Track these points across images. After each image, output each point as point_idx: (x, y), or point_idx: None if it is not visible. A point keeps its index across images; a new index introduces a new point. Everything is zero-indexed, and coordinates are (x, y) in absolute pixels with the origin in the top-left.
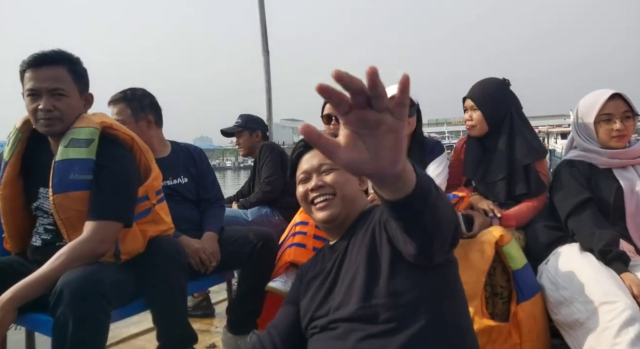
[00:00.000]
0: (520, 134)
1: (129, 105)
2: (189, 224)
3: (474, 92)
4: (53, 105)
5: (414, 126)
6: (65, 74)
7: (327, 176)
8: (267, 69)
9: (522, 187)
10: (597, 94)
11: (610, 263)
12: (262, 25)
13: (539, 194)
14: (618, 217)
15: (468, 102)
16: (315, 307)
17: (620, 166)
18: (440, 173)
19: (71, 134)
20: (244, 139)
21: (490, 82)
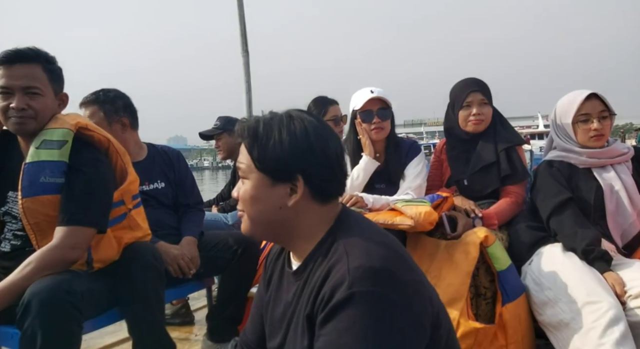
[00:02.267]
0: (500, 123)
1: (101, 107)
2: (166, 230)
3: (480, 86)
4: (27, 104)
5: (389, 129)
6: (40, 73)
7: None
8: (247, 70)
9: (506, 169)
10: (574, 95)
11: (593, 262)
12: (241, 26)
13: (522, 178)
14: (599, 217)
15: (476, 96)
16: (269, 335)
17: (599, 166)
18: (419, 173)
19: (43, 135)
20: (223, 142)
21: (478, 79)
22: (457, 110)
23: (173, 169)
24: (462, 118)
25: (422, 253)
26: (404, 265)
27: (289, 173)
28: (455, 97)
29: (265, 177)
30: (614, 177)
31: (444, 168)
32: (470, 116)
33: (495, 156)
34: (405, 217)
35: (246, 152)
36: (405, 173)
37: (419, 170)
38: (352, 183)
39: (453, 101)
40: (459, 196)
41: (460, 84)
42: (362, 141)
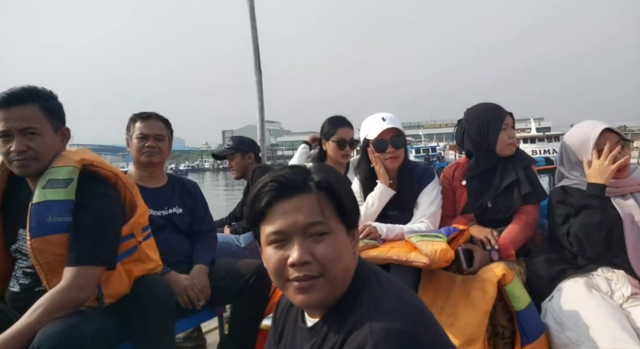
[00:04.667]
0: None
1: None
2: (179, 257)
3: (507, 113)
4: (26, 145)
5: (402, 156)
6: (36, 112)
7: (317, 245)
8: (260, 88)
9: (527, 186)
10: (587, 131)
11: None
12: (254, 44)
13: (541, 196)
14: (619, 249)
15: (510, 120)
16: None
17: (619, 194)
18: (434, 199)
19: (49, 174)
20: (236, 161)
21: (491, 103)
22: (495, 133)
23: (190, 197)
24: (501, 141)
25: (437, 288)
26: (430, 327)
27: (355, 217)
28: (489, 121)
29: (343, 227)
30: (634, 206)
31: (458, 196)
32: (509, 139)
33: (515, 174)
34: (420, 254)
35: (320, 206)
36: (419, 200)
37: (434, 197)
38: (366, 211)
39: (485, 125)
40: (474, 225)
41: (492, 108)
42: (377, 169)
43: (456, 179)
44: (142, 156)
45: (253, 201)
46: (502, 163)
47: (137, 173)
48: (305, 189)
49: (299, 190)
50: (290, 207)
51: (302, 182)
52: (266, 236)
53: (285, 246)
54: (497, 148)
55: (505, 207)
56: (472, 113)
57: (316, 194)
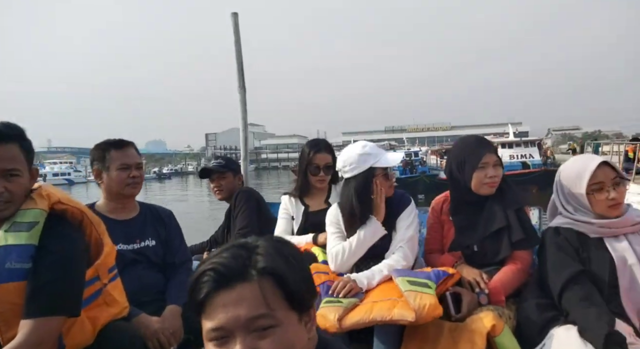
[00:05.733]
0: (505, 182)
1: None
2: (153, 294)
3: (493, 147)
4: (4, 187)
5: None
6: (18, 152)
7: (262, 342)
8: (244, 107)
9: (519, 233)
10: (583, 163)
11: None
12: (238, 61)
13: (534, 243)
14: (612, 293)
15: (492, 157)
16: None
17: (612, 235)
18: (410, 224)
19: (15, 217)
20: (227, 181)
21: (480, 136)
22: (471, 171)
23: (164, 227)
24: (477, 180)
25: (423, 338)
26: None
27: (310, 299)
28: (467, 157)
29: (295, 313)
30: (627, 248)
31: (445, 230)
32: (486, 178)
33: (505, 219)
34: (405, 309)
35: (264, 296)
36: (397, 225)
37: (410, 221)
38: (355, 249)
39: (463, 161)
40: (463, 265)
41: (472, 144)
42: (377, 202)
43: (444, 212)
44: (127, 188)
45: (191, 292)
46: (490, 203)
47: (108, 205)
48: (247, 277)
49: (241, 278)
50: (230, 300)
51: (244, 269)
52: (206, 332)
53: (226, 344)
54: (473, 186)
55: (493, 252)
56: (455, 146)
57: (259, 282)
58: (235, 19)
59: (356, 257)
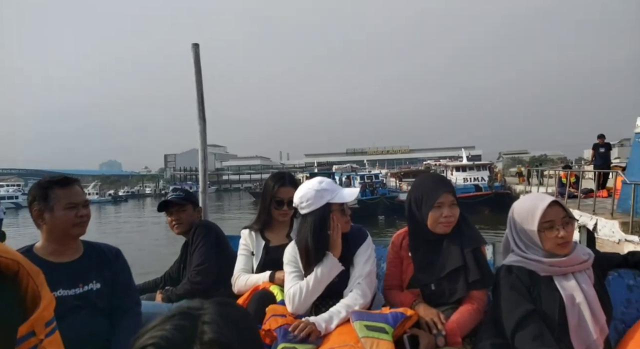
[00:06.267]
0: (464, 222)
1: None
2: (98, 343)
3: (450, 187)
4: None
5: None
6: None
7: None
8: (203, 138)
9: (475, 273)
10: (535, 201)
11: None
12: (198, 92)
13: (489, 283)
14: (562, 332)
15: (448, 197)
16: None
17: (561, 274)
18: (368, 258)
19: None
20: (187, 214)
21: (443, 175)
22: (427, 210)
23: (110, 268)
24: (432, 219)
25: None
26: None
27: None
28: (423, 196)
29: None
30: (575, 287)
31: (405, 266)
32: (441, 218)
33: (462, 259)
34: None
35: None
36: (355, 261)
37: (368, 255)
38: (313, 288)
39: (420, 199)
40: (421, 305)
41: (429, 183)
42: (334, 238)
43: (404, 248)
44: (74, 228)
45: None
46: (448, 241)
47: (48, 247)
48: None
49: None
50: None
51: (188, 343)
52: None
53: None
54: (429, 225)
55: (450, 292)
56: (415, 183)
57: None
58: (196, 50)
59: (314, 296)
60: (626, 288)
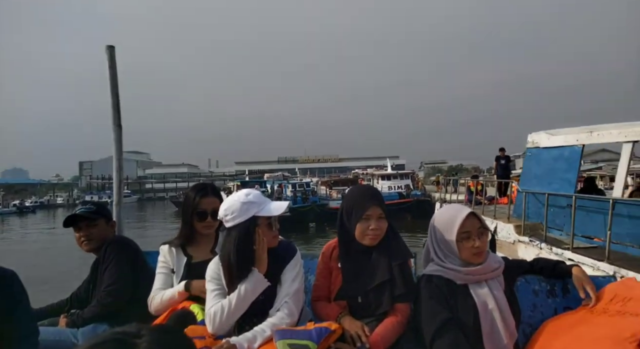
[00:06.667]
0: (393, 234)
1: None
2: None
3: (379, 200)
4: None
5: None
6: None
7: None
8: (119, 146)
9: (401, 287)
10: (454, 212)
11: None
12: (113, 98)
13: (413, 296)
14: (477, 338)
15: (376, 210)
16: None
17: (475, 282)
18: (296, 276)
19: None
20: (98, 229)
21: (374, 188)
22: (355, 221)
23: (3, 293)
24: (359, 230)
25: None
26: None
27: None
28: (352, 208)
29: None
30: (488, 293)
31: (334, 277)
32: (368, 230)
33: (389, 272)
34: None
35: None
36: (282, 278)
37: (296, 273)
38: (236, 307)
39: (350, 211)
40: (347, 317)
41: (359, 195)
42: (259, 253)
43: (334, 259)
44: None
45: None
46: (377, 254)
47: None
48: None
49: None
50: None
51: None
52: None
53: None
54: (356, 236)
55: (376, 305)
56: (347, 194)
57: None
58: (111, 52)
59: (237, 315)
60: (532, 292)
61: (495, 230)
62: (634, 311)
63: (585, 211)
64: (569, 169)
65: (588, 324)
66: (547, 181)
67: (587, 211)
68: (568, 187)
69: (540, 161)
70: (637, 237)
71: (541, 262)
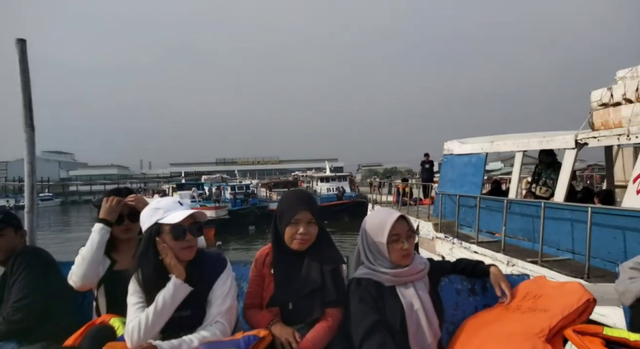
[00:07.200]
0: (325, 240)
1: None
2: None
3: (309, 205)
4: None
5: (197, 244)
6: None
7: None
8: (31, 148)
9: (332, 293)
10: (384, 216)
11: None
12: (25, 96)
13: (344, 301)
14: (403, 338)
15: (305, 215)
16: None
17: (402, 283)
18: (228, 292)
19: None
20: (5, 240)
21: (307, 193)
22: (285, 225)
23: None
24: (288, 234)
25: None
26: None
27: None
28: (283, 212)
29: None
30: (414, 294)
31: (266, 284)
32: (296, 235)
33: (321, 278)
34: None
35: None
36: (212, 295)
37: (228, 288)
38: (155, 316)
39: (281, 215)
40: (278, 324)
41: (289, 200)
42: (167, 261)
43: (266, 265)
44: None
45: None
46: (309, 259)
47: None
48: None
49: None
50: None
51: None
52: None
53: None
54: (286, 240)
55: (307, 311)
56: (280, 198)
57: None
58: (22, 46)
59: (156, 328)
60: (455, 292)
61: (417, 228)
62: (543, 307)
63: (488, 210)
64: (476, 173)
65: (503, 321)
66: (459, 183)
67: (490, 210)
68: (475, 189)
69: (453, 166)
70: (527, 232)
71: (463, 262)
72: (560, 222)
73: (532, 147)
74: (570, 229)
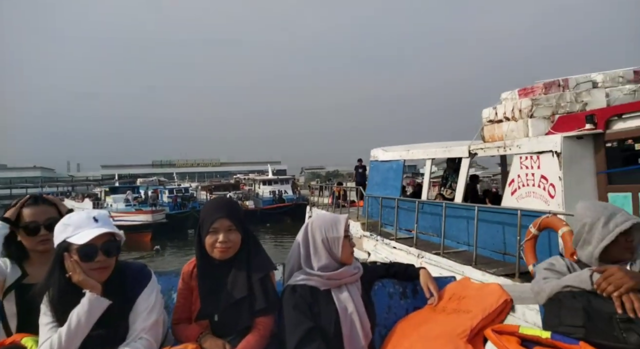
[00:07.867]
0: (254, 247)
1: None
2: None
3: (229, 211)
4: None
5: (113, 265)
6: None
7: None
8: None
9: (262, 302)
10: (333, 215)
11: None
12: None
13: (274, 309)
14: (338, 342)
15: (223, 222)
16: None
17: (337, 287)
18: (153, 306)
19: None
20: None
21: (227, 199)
22: (204, 234)
23: None
24: (208, 243)
25: None
26: None
27: None
28: (204, 220)
29: None
30: (348, 298)
31: (195, 297)
32: (216, 243)
33: (249, 287)
34: None
35: None
36: (136, 310)
37: (153, 302)
38: (69, 335)
39: (201, 224)
40: (208, 336)
41: (208, 208)
42: (76, 279)
43: (194, 277)
44: None
45: None
46: (236, 268)
47: None
48: None
49: None
50: None
51: None
52: None
53: None
54: (207, 249)
55: (234, 322)
56: (202, 207)
57: None
58: None
59: (72, 348)
60: (387, 295)
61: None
62: (467, 308)
63: (405, 210)
64: (395, 178)
65: (430, 323)
66: (383, 187)
67: (407, 210)
68: (395, 192)
69: (378, 171)
70: (436, 229)
71: (395, 266)
72: (459, 220)
73: (438, 155)
74: (466, 225)
